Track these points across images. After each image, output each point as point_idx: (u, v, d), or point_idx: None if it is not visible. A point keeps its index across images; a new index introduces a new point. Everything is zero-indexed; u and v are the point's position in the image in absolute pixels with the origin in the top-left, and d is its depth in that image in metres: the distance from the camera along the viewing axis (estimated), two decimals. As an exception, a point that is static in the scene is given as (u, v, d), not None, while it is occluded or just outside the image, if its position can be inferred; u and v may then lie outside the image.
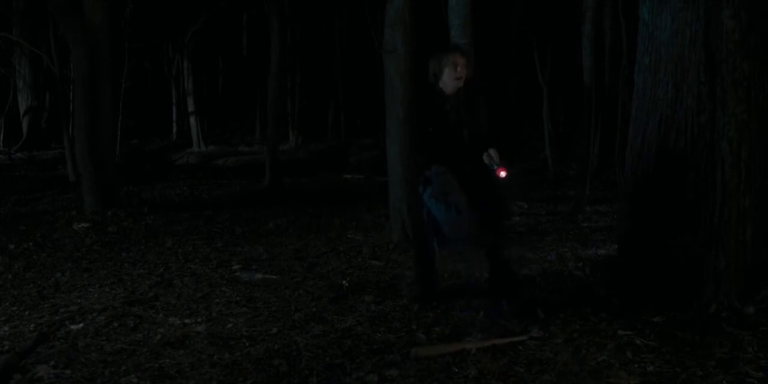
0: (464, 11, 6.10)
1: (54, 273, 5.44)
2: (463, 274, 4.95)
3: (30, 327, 4.07)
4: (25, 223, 7.77)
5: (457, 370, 3.25)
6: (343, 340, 3.69)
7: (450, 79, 4.06)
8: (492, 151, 3.91)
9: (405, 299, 4.37)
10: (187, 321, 4.12)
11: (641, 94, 4.46)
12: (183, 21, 18.10)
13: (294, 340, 3.72)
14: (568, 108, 16.18)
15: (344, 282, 4.80)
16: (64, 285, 5.07)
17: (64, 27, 8.70)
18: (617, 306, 4.11)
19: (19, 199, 9.90)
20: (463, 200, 3.95)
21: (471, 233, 4.06)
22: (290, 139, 20.30)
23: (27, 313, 4.38)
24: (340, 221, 7.83)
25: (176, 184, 12.08)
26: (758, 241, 4.09)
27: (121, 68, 15.37)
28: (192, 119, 19.55)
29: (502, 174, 3.85)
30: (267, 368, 3.34)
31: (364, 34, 17.78)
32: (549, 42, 14.37)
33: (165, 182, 12.21)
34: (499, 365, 3.28)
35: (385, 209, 6.89)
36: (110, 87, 8.85)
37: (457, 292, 4.50)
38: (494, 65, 17.27)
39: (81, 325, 4.07)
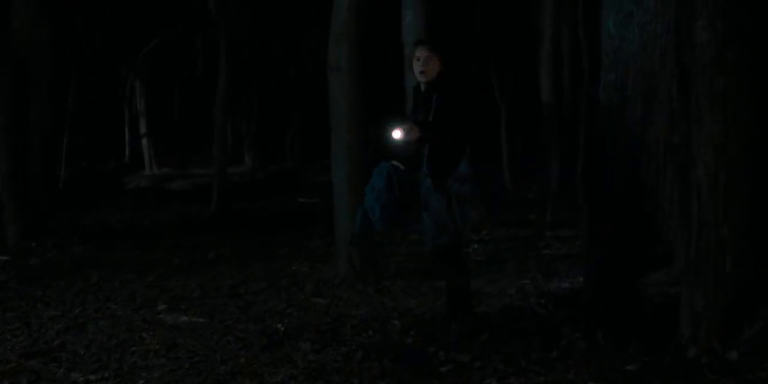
0: (420, 30, 5.78)
1: (-47, 316, 4.81)
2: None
3: None
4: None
5: (401, 438, 2.76)
6: (271, 400, 3.18)
7: (414, 71, 4.07)
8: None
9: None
10: (91, 377, 3.55)
11: (607, 113, 4.06)
12: (136, 40, 17.53)
13: (214, 401, 3.19)
14: (527, 128, 15.91)
15: (280, 325, 4.30)
16: (-39, 332, 4.45)
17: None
18: (585, 351, 3.67)
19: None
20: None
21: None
22: (246, 162, 19.76)
23: None
24: (288, 250, 7.34)
25: (120, 209, 11.45)
26: (740, 276, 3.70)
27: (68, 89, 14.72)
28: (144, 141, 18.94)
29: (397, 134, 3.82)
30: (174, 441, 2.81)
31: (321, 55, 17.32)
32: (509, 59, 14.12)
33: (110, 207, 11.55)
34: (451, 431, 2.81)
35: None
36: (47, 110, 8.22)
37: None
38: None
39: (-39, 386, 3.48)
